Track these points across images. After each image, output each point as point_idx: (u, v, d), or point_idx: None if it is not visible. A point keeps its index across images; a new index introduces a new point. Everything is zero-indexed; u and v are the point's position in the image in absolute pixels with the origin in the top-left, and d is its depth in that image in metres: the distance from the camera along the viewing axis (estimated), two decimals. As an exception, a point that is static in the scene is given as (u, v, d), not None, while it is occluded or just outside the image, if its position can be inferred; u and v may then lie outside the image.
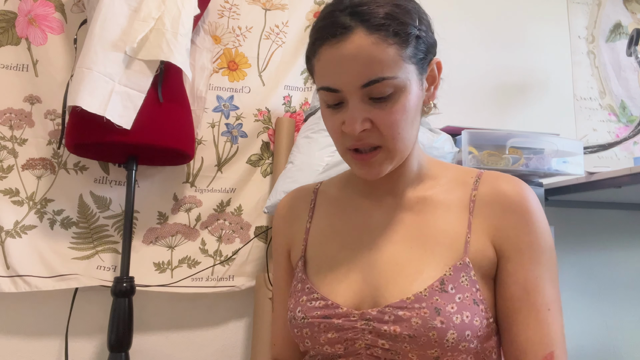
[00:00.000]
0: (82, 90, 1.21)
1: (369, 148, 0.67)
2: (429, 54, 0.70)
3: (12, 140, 1.47)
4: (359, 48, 0.62)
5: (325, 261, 0.75)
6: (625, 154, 2.06)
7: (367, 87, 0.63)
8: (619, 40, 2.16)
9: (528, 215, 0.68)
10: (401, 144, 0.67)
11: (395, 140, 0.66)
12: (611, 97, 2.12)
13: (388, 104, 0.64)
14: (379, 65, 0.62)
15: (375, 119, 0.65)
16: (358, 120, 0.64)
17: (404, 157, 0.71)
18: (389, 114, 0.65)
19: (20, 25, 1.49)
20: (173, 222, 1.57)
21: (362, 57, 0.62)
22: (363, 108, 0.65)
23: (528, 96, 2.03)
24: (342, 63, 0.63)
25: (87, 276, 1.45)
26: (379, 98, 0.64)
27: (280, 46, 1.74)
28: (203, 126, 1.63)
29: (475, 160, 1.48)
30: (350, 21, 0.62)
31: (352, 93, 0.64)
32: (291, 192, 0.90)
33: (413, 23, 0.65)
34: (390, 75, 0.63)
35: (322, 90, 0.67)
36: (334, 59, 0.63)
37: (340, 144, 0.70)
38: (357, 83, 0.63)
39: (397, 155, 0.69)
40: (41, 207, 1.46)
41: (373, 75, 0.62)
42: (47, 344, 1.45)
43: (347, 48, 0.62)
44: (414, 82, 0.66)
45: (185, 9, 1.36)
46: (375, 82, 0.63)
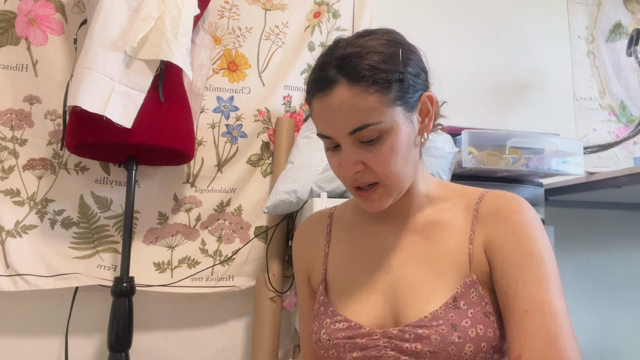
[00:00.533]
0: (81, 90, 1.22)
1: (367, 185, 0.73)
2: (417, 92, 0.73)
3: (13, 140, 1.47)
4: (342, 100, 0.68)
5: (346, 285, 0.80)
6: (625, 154, 2.06)
7: (354, 134, 0.69)
8: (619, 40, 2.16)
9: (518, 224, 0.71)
10: (396, 179, 0.72)
11: (389, 178, 0.72)
12: (611, 97, 2.11)
13: (377, 146, 0.70)
14: (362, 114, 0.68)
15: (367, 161, 0.71)
16: (350, 164, 0.71)
17: (402, 190, 0.75)
18: (378, 155, 0.70)
19: (20, 25, 1.49)
20: (173, 222, 1.57)
21: (345, 108, 0.68)
22: (354, 152, 0.70)
23: (528, 96, 2.03)
24: (329, 114, 0.69)
25: (87, 275, 1.45)
26: (368, 141, 0.69)
27: (280, 47, 1.74)
28: (203, 127, 1.63)
29: (475, 160, 1.48)
30: (334, 75, 0.68)
31: (342, 139, 0.70)
32: (307, 219, 0.95)
33: (395, 68, 0.69)
34: (373, 122, 0.68)
35: (320, 136, 0.73)
36: (323, 110, 0.70)
37: (344, 181, 0.76)
38: (345, 131, 0.69)
39: (395, 190, 0.74)
40: (42, 207, 1.47)
41: (357, 123, 0.68)
42: (47, 343, 1.45)
43: (332, 101, 0.68)
44: (402, 122, 0.71)
45: (185, 8, 1.36)
46: (360, 129, 0.68)
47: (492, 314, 0.69)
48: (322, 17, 1.78)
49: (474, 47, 1.99)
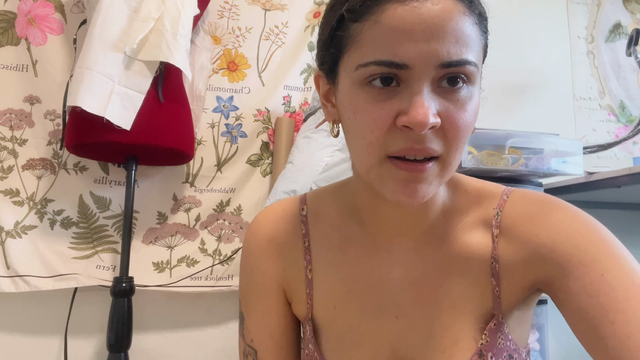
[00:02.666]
0: (81, 91, 1.22)
1: (423, 157, 0.48)
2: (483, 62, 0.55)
3: (13, 140, 1.47)
4: (450, 13, 0.46)
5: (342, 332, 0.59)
6: (624, 154, 2.06)
7: (448, 69, 0.46)
8: (619, 40, 2.16)
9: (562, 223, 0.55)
10: (459, 157, 0.51)
11: (457, 150, 0.49)
12: (610, 97, 2.12)
13: (462, 99, 0.48)
14: (464, 43, 0.46)
15: (450, 117, 0.47)
16: (431, 112, 0.45)
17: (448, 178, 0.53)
18: (463, 112, 0.48)
19: (20, 26, 1.49)
20: (172, 222, 1.57)
21: (452, 26, 0.45)
22: (434, 99, 0.47)
23: (528, 96, 2.03)
24: (422, 29, 0.45)
25: (86, 276, 1.45)
26: (453, 86, 0.47)
27: (280, 47, 1.74)
28: (203, 126, 1.63)
29: (475, 160, 1.48)
30: None
31: (425, 72, 0.46)
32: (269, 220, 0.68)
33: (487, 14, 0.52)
34: (473, 60, 0.47)
35: (376, 66, 0.47)
36: (411, 21, 0.45)
37: (379, 148, 0.49)
38: (440, 59, 0.46)
39: (450, 172, 0.51)
40: (41, 207, 1.47)
41: (459, 53, 0.46)
42: (46, 343, 1.45)
43: (432, 10, 0.45)
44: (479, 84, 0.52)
45: (185, 9, 1.36)
46: (460, 64, 0.46)
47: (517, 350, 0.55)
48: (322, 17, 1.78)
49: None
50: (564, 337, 1.85)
